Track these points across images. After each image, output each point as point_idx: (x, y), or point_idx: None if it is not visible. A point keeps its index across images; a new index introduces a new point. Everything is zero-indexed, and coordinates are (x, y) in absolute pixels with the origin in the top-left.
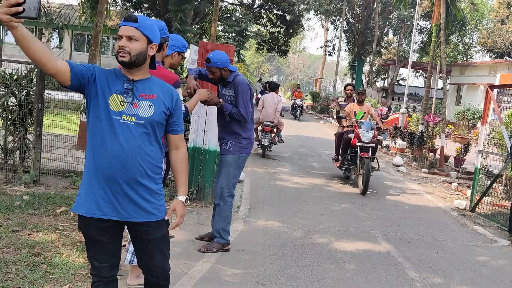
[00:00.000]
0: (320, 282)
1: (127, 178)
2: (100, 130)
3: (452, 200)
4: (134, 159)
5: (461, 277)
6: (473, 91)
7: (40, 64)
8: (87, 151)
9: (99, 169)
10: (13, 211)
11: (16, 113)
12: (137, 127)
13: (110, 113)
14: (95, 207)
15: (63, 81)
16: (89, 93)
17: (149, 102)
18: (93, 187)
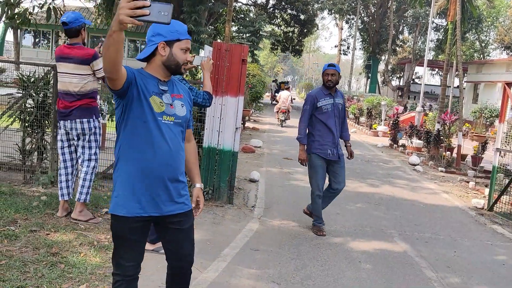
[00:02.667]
0: (336, 282)
1: (170, 176)
2: (146, 131)
3: (470, 199)
4: (177, 157)
5: (479, 276)
6: (491, 89)
7: (117, 67)
8: (125, 154)
9: (146, 169)
10: (31, 211)
11: (33, 115)
12: (176, 127)
13: (155, 115)
14: (137, 207)
15: (119, 85)
16: (130, 96)
17: (180, 101)
18: (135, 187)
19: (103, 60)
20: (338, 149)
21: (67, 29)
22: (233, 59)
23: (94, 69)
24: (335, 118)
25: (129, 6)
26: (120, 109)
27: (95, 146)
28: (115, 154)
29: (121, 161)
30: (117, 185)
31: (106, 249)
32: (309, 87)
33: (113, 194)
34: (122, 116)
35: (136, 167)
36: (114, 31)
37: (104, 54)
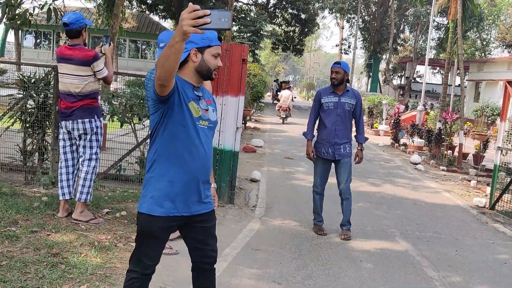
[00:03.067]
0: (337, 281)
1: (204, 178)
2: (186, 136)
3: (471, 198)
4: (210, 160)
5: (481, 275)
6: (492, 87)
7: (172, 76)
8: (162, 157)
9: (184, 171)
10: (32, 212)
11: (34, 116)
12: (209, 131)
13: (194, 119)
14: (172, 207)
15: (167, 91)
16: (172, 101)
17: (211, 107)
18: (171, 188)
19: (159, 69)
20: (335, 149)
21: (68, 30)
22: (234, 58)
23: (94, 70)
24: (337, 117)
25: (191, 17)
26: (159, 114)
27: (96, 146)
28: (150, 156)
29: (157, 163)
30: (151, 186)
31: (107, 249)
32: (310, 86)
33: (146, 194)
34: (160, 121)
35: (174, 169)
36: (177, 41)
37: (163, 63)
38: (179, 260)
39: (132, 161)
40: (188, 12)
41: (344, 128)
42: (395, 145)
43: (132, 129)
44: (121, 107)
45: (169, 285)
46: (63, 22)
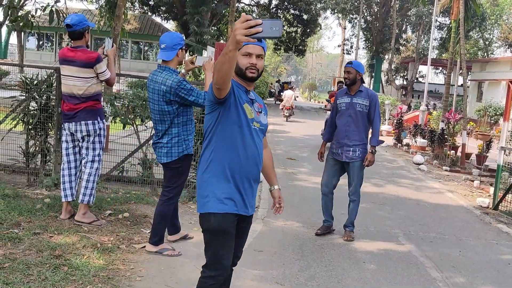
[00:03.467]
0: (340, 282)
1: (255, 177)
2: (241, 136)
3: (475, 198)
4: (261, 160)
5: (485, 276)
6: (495, 87)
7: (228, 80)
8: (218, 156)
9: (238, 170)
10: (34, 214)
11: (37, 117)
12: (261, 133)
13: (248, 120)
14: (233, 204)
15: (224, 94)
16: (229, 103)
17: (263, 111)
18: (230, 187)
19: (216, 74)
20: (344, 151)
21: (70, 32)
22: None
23: (97, 72)
24: (348, 117)
25: (243, 27)
26: (215, 115)
27: (99, 147)
28: (206, 156)
29: (214, 162)
30: (211, 185)
31: (110, 251)
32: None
33: (207, 194)
34: (216, 121)
35: (230, 168)
36: (231, 50)
37: (219, 69)
38: (181, 262)
39: (135, 163)
40: (241, 22)
41: (356, 130)
42: (398, 146)
43: (134, 131)
44: (124, 109)
45: (172, 286)
46: (66, 23)
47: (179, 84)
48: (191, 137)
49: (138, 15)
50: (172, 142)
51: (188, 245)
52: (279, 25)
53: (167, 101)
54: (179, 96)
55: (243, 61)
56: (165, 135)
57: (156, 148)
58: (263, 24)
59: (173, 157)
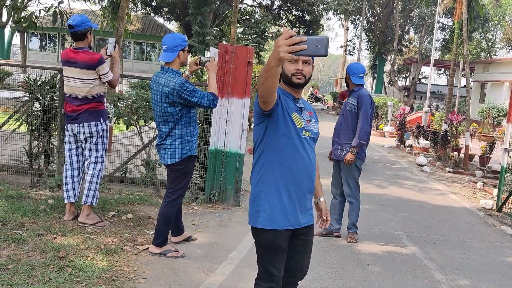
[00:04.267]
0: (344, 285)
1: (310, 188)
2: (291, 146)
3: (478, 200)
4: (314, 170)
5: (489, 278)
6: (498, 88)
7: (273, 94)
8: (270, 168)
9: (291, 182)
10: (38, 215)
11: (40, 118)
12: (312, 142)
13: (298, 130)
14: (285, 219)
15: (270, 106)
16: (276, 113)
17: (313, 118)
18: (282, 200)
19: (260, 88)
20: (335, 149)
21: (73, 32)
22: (239, 61)
23: (100, 73)
24: (341, 117)
25: (287, 43)
26: (263, 126)
27: (102, 149)
28: (257, 169)
29: (265, 176)
30: (263, 199)
31: (113, 252)
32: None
33: (259, 208)
34: (265, 133)
35: (282, 181)
36: (273, 66)
37: (262, 83)
38: (185, 264)
39: (138, 164)
40: (285, 39)
41: (346, 129)
42: (401, 147)
43: (137, 132)
44: (127, 110)
45: None
46: (69, 24)
47: (181, 86)
48: (194, 138)
49: (140, 16)
50: (176, 143)
51: (192, 246)
52: (325, 42)
53: (170, 102)
54: (182, 97)
55: (289, 67)
56: (168, 136)
57: (160, 149)
58: (308, 41)
59: (177, 158)
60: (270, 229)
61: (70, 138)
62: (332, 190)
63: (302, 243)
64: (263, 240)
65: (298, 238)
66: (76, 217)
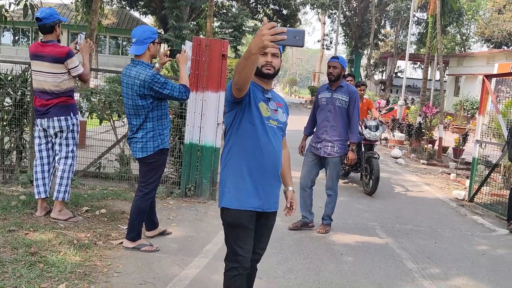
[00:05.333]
0: (318, 275)
1: (274, 174)
2: (255, 134)
3: (451, 190)
4: (279, 157)
5: (459, 266)
6: (472, 81)
7: (248, 81)
8: (235, 153)
9: (254, 166)
10: (9, 211)
11: (11, 114)
12: (279, 130)
13: (263, 119)
14: (248, 201)
15: (242, 94)
16: (245, 102)
17: (281, 109)
18: (245, 183)
19: (237, 76)
20: (323, 146)
21: (41, 25)
22: (213, 54)
23: (69, 67)
24: (328, 113)
25: (270, 33)
26: (233, 114)
27: (72, 143)
28: (225, 153)
29: (231, 160)
30: (228, 182)
31: (86, 247)
32: (293, 82)
33: (224, 190)
34: (234, 120)
35: (246, 166)
36: (254, 53)
37: (240, 71)
38: (159, 257)
39: (112, 159)
40: (268, 28)
41: (335, 125)
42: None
43: (111, 126)
44: (100, 104)
45: (149, 282)
46: (36, 17)
47: (152, 78)
48: (166, 131)
49: (116, 10)
50: (147, 136)
51: (167, 240)
52: (302, 34)
53: (141, 95)
54: (154, 90)
55: (260, 60)
56: (140, 129)
57: (131, 143)
58: (287, 32)
59: (148, 151)
60: (233, 208)
61: (40, 133)
62: (303, 183)
63: (261, 227)
64: (226, 218)
65: (258, 222)
66: (49, 212)
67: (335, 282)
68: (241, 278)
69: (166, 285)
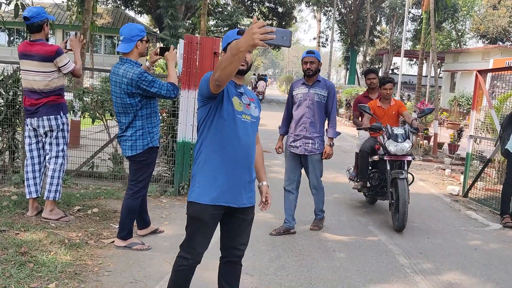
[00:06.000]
0: (310, 271)
1: (246, 170)
2: (228, 128)
3: (445, 186)
4: (252, 152)
5: (452, 261)
6: (467, 77)
7: (230, 78)
8: (208, 148)
9: (226, 161)
10: (0, 211)
11: (3, 114)
12: (252, 125)
13: (235, 113)
14: (217, 196)
15: (220, 89)
16: (219, 98)
17: (254, 104)
18: (217, 178)
19: (219, 72)
20: (303, 143)
21: (28, 24)
22: (205, 52)
23: (58, 65)
24: (306, 109)
25: (261, 32)
26: (206, 108)
27: (62, 142)
28: (197, 147)
29: (203, 154)
30: (198, 176)
31: (77, 247)
32: (289, 80)
33: (194, 184)
34: (207, 115)
35: (218, 160)
36: (242, 51)
37: (224, 67)
38: (151, 256)
39: (105, 158)
40: (259, 27)
41: (314, 121)
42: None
43: (104, 125)
44: (93, 103)
45: (140, 280)
46: (24, 16)
47: (140, 76)
48: (156, 129)
49: (111, 9)
50: (137, 135)
51: (158, 239)
52: (290, 35)
53: (129, 93)
54: (141, 88)
55: None
56: (129, 128)
57: (121, 141)
58: (276, 32)
59: (138, 150)
60: (199, 202)
61: (30, 133)
62: (288, 186)
63: (238, 222)
64: (191, 211)
65: (234, 217)
66: (40, 212)
67: (327, 278)
68: (188, 269)
69: (157, 283)
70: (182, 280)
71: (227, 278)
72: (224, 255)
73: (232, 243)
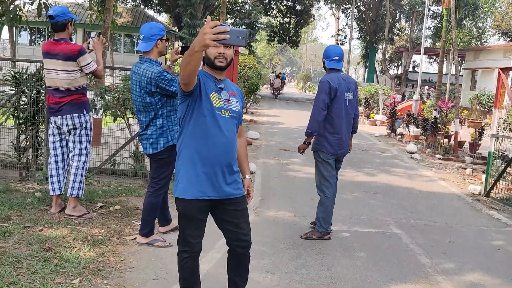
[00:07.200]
0: (330, 270)
1: (227, 163)
2: (205, 124)
3: (467, 185)
4: (232, 147)
5: (474, 261)
6: (488, 75)
7: (192, 76)
8: (188, 144)
9: (206, 157)
10: (25, 207)
11: (27, 112)
12: (232, 120)
13: (214, 109)
14: (200, 190)
15: (190, 88)
16: (196, 94)
17: (235, 98)
18: (197, 173)
19: (182, 71)
20: None
21: (53, 23)
22: None
23: (81, 65)
24: None
25: (213, 32)
26: (185, 105)
27: (86, 140)
28: (178, 144)
29: (184, 150)
30: (181, 172)
31: (100, 243)
32: (307, 78)
33: (177, 179)
34: (186, 112)
35: (198, 155)
36: (197, 51)
37: (184, 67)
38: (172, 253)
39: (127, 156)
40: (210, 27)
41: None
42: (392, 135)
43: (125, 123)
44: (114, 102)
45: (162, 277)
46: (49, 14)
47: (159, 75)
48: (176, 127)
49: (130, 8)
50: (157, 133)
51: None
52: (245, 34)
53: (149, 92)
54: (160, 87)
55: (212, 51)
56: (149, 126)
57: (142, 139)
58: (230, 32)
59: (159, 148)
60: (183, 198)
61: (53, 130)
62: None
63: (232, 214)
64: (179, 208)
65: (227, 210)
66: (63, 209)
67: (347, 277)
68: (191, 261)
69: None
70: (189, 275)
71: (236, 270)
72: (231, 248)
73: (234, 235)
